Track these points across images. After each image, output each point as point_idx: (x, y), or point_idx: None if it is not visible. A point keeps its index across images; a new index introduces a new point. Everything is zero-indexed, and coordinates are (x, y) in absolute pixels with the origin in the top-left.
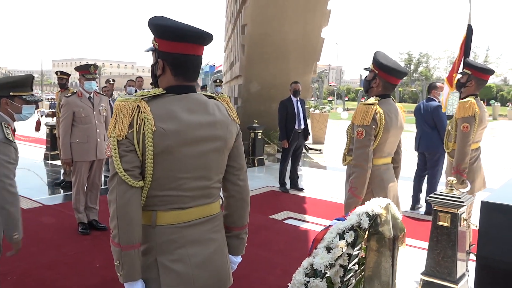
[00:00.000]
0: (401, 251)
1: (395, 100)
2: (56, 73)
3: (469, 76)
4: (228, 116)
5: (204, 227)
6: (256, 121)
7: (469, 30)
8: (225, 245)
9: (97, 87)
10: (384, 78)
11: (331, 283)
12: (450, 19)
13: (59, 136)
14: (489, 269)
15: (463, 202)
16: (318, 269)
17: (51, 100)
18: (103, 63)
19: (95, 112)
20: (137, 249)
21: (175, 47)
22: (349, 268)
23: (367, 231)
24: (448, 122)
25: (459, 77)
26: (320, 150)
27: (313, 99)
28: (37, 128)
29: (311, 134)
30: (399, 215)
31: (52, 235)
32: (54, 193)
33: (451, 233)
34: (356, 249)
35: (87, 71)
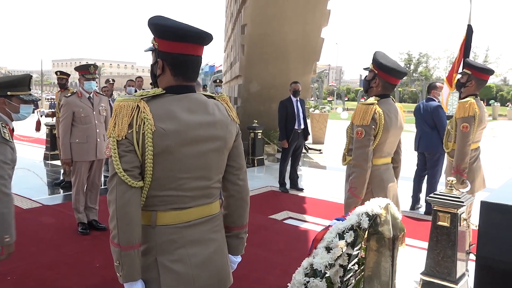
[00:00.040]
0: (401, 251)
1: (394, 100)
2: (56, 73)
3: (469, 76)
4: (228, 116)
5: (204, 227)
6: (256, 121)
7: (469, 30)
8: (225, 245)
9: (96, 87)
10: (384, 78)
11: (330, 283)
12: (450, 19)
13: (58, 136)
14: (488, 269)
15: (462, 202)
16: (318, 269)
17: (51, 100)
18: (102, 63)
19: (94, 112)
20: (137, 249)
21: (174, 47)
22: (348, 268)
23: (366, 231)
24: (448, 122)
25: (459, 77)
26: (320, 150)
27: (313, 99)
28: (38, 128)
29: (311, 134)
30: (398, 215)
31: (52, 235)
32: (54, 193)
33: (451, 233)
34: (355, 249)
35: (87, 71)
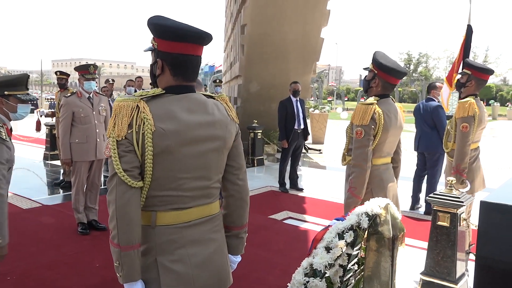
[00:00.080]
0: (401, 251)
1: (394, 100)
2: (56, 73)
3: (469, 76)
4: (227, 116)
5: (204, 227)
6: (256, 121)
7: (469, 30)
8: (224, 245)
9: (96, 87)
10: (384, 78)
11: (330, 283)
12: (450, 19)
13: (58, 136)
14: (488, 269)
15: (462, 202)
16: (318, 269)
17: (50, 100)
18: (102, 63)
19: (94, 112)
20: (136, 250)
21: (174, 47)
22: (348, 268)
23: (366, 231)
24: (448, 122)
25: (459, 77)
26: (319, 150)
27: (312, 99)
28: (38, 128)
29: (311, 134)
30: (398, 215)
31: (52, 235)
32: (53, 193)
33: (450, 233)
34: (355, 249)
35: (86, 71)
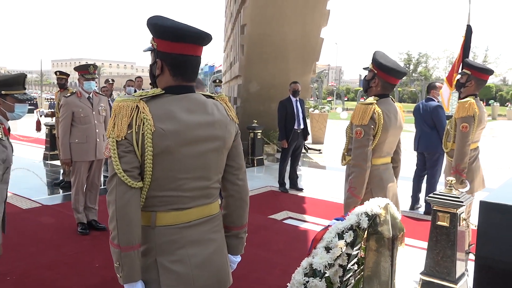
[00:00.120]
0: (400, 251)
1: (394, 100)
2: (56, 73)
3: (469, 76)
4: (227, 116)
5: (203, 227)
6: (256, 121)
7: (469, 31)
8: (224, 245)
9: (96, 87)
10: (383, 78)
11: (330, 283)
12: (449, 19)
13: (58, 136)
14: (488, 269)
15: (462, 202)
16: (317, 269)
17: (50, 100)
18: (102, 63)
19: (94, 112)
20: (136, 250)
21: (174, 47)
22: (348, 268)
23: (366, 231)
24: (448, 122)
25: (459, 77)
26: (319, 150)
27: (312, 99)
28: (38, 128)
29: (311, 134)
30: (398, 215)
31: (52, 235)
32: (53, 193)
33: (450, 233)
34: (355, 249)
35: (86, 71)
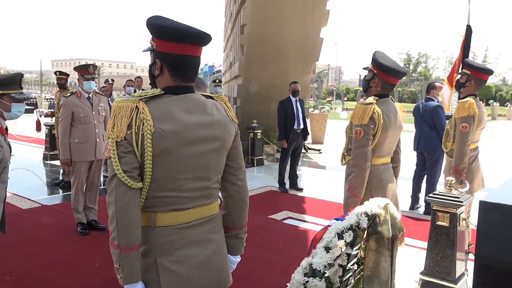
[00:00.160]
0: (400, 251)
1: (394, 100)
2: (55, 73)
3: (468, 76)
4: (227, 116)
5: (203, 227)
6: (255, 121)
7: (468, 31)
8: (224, 245)
9: (96, 87)
10: (383, 78)
11: (330, 283)
12: (449, 19)
13: (58, 136)
14: (487, 268)
15: (462, 202)
16: (317, 269)
17: (50, 100)
18: (102, 63)
19: (94, 112)
20: (136, 251)
21: (173, 47)
22: (348, 268)
23: (366, 231)
24: (447, 122)
25: (459, 77)
26: (319, 150)
27: (312, 99)
28: (38, 128)
29: (310, 134)
30: (398, 215)
31: (51, 235)
32: (53, 193)
33: (450, 233)
34: (355, 249)
35: (86, 71)
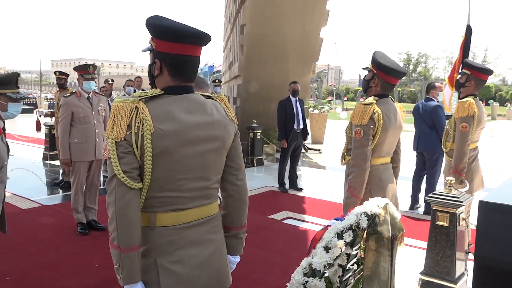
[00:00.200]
0: (400, 250)
1: (394, 100)
2: (55, 73)
3: (468, 76)
4: (226, 116)
5: (203, 228)
6: (255, 121)
7: (468, 31)
8: (224, 245)
9: (96, 87)
10: (383, 78)
11: (329, 282)
12: (449, 19)
13: (57, 136)
14: (487, 268)
15: (461, 202)
16: (317, 269)
17: (50, 100)
18: (102, 63)
19: (93, 112)
20: (136, 251)
21: (172, 47)
22: (347, 268)
23: (365, 231)
24: (447, 122)
25: (458, 77)
26: (319, 150)
27: (312, 99)
28: (38, 128)
29: (310, 134)
30: (397, 215)
31: (51, 235)
32: (53, 193)
33: (450, 232)
34: (354, 249)
35: (86, 71)
